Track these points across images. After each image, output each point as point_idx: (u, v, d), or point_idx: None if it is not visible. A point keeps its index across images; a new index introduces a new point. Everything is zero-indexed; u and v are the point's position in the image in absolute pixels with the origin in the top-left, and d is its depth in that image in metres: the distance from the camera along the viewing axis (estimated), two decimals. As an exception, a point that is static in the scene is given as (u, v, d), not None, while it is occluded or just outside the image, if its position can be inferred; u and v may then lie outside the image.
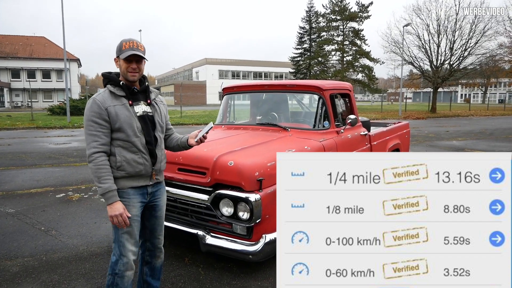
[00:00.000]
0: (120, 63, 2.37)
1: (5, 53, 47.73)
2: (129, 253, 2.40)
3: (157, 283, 2.79)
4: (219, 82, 53.35)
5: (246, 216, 3.04)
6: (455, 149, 10.99)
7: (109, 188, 2.26)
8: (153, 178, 2.49)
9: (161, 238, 2.69)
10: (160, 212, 2.62)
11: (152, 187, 2.51)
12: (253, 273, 3.35)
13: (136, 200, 2.41)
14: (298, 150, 3.61)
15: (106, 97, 2.33)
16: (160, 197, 2.60)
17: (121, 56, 2.33)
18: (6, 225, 4.64)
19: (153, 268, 2.74)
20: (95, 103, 2.29)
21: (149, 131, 2.43)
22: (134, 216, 2.40)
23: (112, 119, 2.30)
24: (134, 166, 2.35)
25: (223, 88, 5.12)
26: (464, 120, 24.94)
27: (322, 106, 4.32)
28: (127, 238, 2.39)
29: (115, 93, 2.36)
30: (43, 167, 8.44)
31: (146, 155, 2.40)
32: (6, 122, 20.71)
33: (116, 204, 2.28)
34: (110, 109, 2.30)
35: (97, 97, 2.33)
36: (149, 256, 2.70)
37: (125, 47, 2.33)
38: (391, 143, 5.84)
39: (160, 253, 2.73)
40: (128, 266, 2.41)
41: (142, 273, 2.76)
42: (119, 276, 2.40)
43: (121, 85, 2.38)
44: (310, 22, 46.02)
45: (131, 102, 2.39)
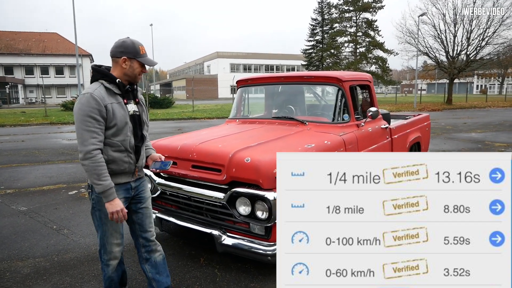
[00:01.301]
0: (134, 65, 2.37)
1: (19, 50, 48.30)
2: (113, 246, 2.49)
3: (167, 280, 2.69)
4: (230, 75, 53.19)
5: (264, 215, 2.87)
6: (474, 142, 10.65)
7: (109, 185, 2.26)
8: (135, 174, 2.51)
9: (152, 230, 2.67)
10: (146, 203, 2.63)
11: (135, 182, 2.53)
12: (272, 275, 3.19)
13: (120, 196, 2.41)
14: (318, 145, 3.42)
15: (104, 94, 2.29)
16: (143, 189, 2.62)
17: (142, 61, 2.37)
18: (18, 224, 4.56)
19: (155, 264, 2.67)
20: (93, 99, 2.23)
21: (136, 131, 2.45)
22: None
23: (109, 117, 2.28)
24: (120, 165, 2.37)
25: (237, 80, 4.94)
26: (481, 112, 24.34)
27: (342, 98, 4.11)
28: (111, 233, 2.46)
29: (112, 90, 2.33)
30: (56, 164, 8.40)
31: (132, 153, 2.43)
32: (21, 118, 20.90)
33: (116, 200, 2.30)
34: (108, 107, 2.28)
35: (94, 93, 2.25)
36: (146, 252, 2.66)
37: (142, 51, 2.37)
38: (412, 136, 5.61)
39: (156, 245, 2.69)
40: (111, 256, 2.50)
41: (146, 272, 2.69)
42: (105, 265, 2.52)
43: (118, 82, 2.35)
44: (323, 14, 45.42)
45: (126, 100, 2.40)
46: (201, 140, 3.46)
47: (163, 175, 3.56)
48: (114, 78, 2.35)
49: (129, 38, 2.39)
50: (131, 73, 2.37)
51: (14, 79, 46.48)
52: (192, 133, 4.19)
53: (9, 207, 5.24)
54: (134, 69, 2.37)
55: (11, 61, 47.69)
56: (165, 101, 31.59)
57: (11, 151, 10.17)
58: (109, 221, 2.41)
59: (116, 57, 2.35)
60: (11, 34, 51.19)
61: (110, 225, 2.43)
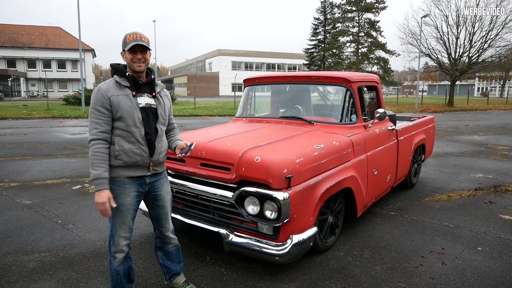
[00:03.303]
0: (126, 56, 2.43)
1: (22, 43, 48.22)
2: (120, 239, 2.52)
3: (177, 267, 2.87)
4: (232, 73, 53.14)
5: (274, 215, 2.86)
6: (477, 144, 10.64)
7: (99, 175, 2.31)
8: (151, 169, 2.53)
9: (167, 226, 2.75)
10: (163, 201, 2.67)
11: (150, 178, 2.56)
12: (279, 275, 3.19)
13: (132, 189, 2.47)
14: (327, 146, 3.41)
15: (111, 86, 2.40)
16: (160, 187, 2.65)
17: (126, 48, 2.40)
18: (23, 218, 4.55)
19: (167, 253, 2.83)
20: (99, 92, 2.37)
21: (150, 123, 2.48)
22: (128, 205, 2.48)
23: (114, 108, 2.36)
24: (131, 156, 2.41)
25: (245, 79, 4.92)
26: (483, 114, 24.31)
27: (350, 99, 4.10)
28: (119, 225, 2.49)
29: (120, 83, 2.43)
30: (59, 158, 8.39)
31: (144, 146, 2.45)
32: (23, 112, 20.87)
33: (103, 192, 2.32)
34: (112, 98, 2.36)
35: (102, 86, 2.41)
36: (160, 242, 2.81)
37: (129, 39, 2.41)
38: (418, 138, 5.61)
39: (170, 239, 2.79)
40: (118, 249, 2.53)
41: (158, 258, 2.87)
42: (112, 256, 2.56)
43: (127, 76, 2.44)
44: (325, 13, 45.32)
45: (135, 93, 2.45)
46: (210, 138, 3.45)
47: (171, 172, 3.55)
48: (124, 72, 2.45)
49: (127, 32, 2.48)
50: (128, 63, 2.45)
51: (17, 72, 46.41)
52: (199, 131, 4.18)
53: (13, 200, 5.22)
54: (128, 60, 2.44)
55: (14, 54, 47.63)
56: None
57: (14, 144, 10.15)
58: (118, 213, 2.46)
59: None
60: (14, 27, 51.12)
61: (119, 217, 2.48)
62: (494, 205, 5.08)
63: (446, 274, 3.21)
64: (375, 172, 4.13)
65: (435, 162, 8.00)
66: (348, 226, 4.23)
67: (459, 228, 4.26)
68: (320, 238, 3.43)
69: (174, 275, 2.87)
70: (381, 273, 3.24)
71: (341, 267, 3.32)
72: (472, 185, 6.09)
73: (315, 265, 3.36)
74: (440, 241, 3.90)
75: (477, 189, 5.83)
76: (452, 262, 3.43)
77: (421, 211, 4.81)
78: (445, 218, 4.55)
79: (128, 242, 2.56)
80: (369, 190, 4.02)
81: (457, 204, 5.13)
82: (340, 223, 3.80)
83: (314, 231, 3.12)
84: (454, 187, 6.01)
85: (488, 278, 3.14)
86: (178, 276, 2.89)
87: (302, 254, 3.10)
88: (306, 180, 3.05)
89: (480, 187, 5.98)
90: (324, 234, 3.51)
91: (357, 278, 3.14)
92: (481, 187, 5.95)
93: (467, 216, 4.63)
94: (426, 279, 3.13)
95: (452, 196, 5.50)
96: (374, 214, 4.68)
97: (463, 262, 3.43)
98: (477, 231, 4.17)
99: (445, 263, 3.41)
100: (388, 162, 4.56)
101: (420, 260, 3.47)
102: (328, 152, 3.36)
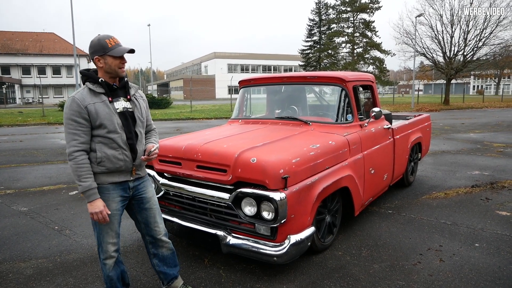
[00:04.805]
0: (108, 61, 2.35)
1: (16, 49, 48.06)
2: (108, 245, 2.50)
3: (173, 270, 2.81)
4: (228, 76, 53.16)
5: (271, 216, 2.86)
6: (473, 142, 10.67)
7: (89, 186, 2.31)
8: (134, 173, 2.52)
9: (158, 229, 2.69)
10: (149, 203, 2.64)
11: (133, 182, 2.54)
12: (277, 275, 3.18)
13: (116, 195, 2.46)
14: (323, 145, 3.41)
15: (85, 95, 2.33)
16: (145, 190, 2.62)
17: (112, 53, 2.33)
18: (19, 224, 4.52)
19: (163, 258, 2.76)
20: (74, 102, 2.29)
21: (129, 127, 2.45)
22: (113, 210, 2.46)
23: (92, 117, 2.30)
24: (114, 162, 2.38)
25: (240, 80, 4.93)
26: (479, 112, 24.40)
27: (345, 99, 4.11)
28: (107, 232, 2.47)
29: (95, 91, 2.36)
30: (55, 164, 8.35)
31: (127, 151, 2.43)
32: (18, 119, 20.80)
33: (97, 201, 2.35)
34: (89, 107, 2.30)
35: (76, 95, 2.32)
36: (153, 248, 2.74)
37: (110, 44, 2.34)
38: (414, 137, 5.62)
39: (163, 242, 2.73)
40: (107, 255, 2.51)
41: (154, 266, 2.80)
42: (103, 263, 2.55)
43: (100, 82, 2.37)
44: (320, 14, 45.40)
45: (111, 98, 2.39)
46: (206, 140, 3.44)
47: (167, 175, 3.54)
48: (97, 78, 2.37)
49: (96, 36, 2.39)
50: (109, 69, 2.37)
51: (11, 79, 46.22)
52: (195, 133, 4.18)
53: (9, 207, 5.20)
54: (109, 64, 2.35)
55: (8, 61, 47.45)
56: (163, 101, 31.51)
57: (10, 151, 10.11)
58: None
59: (92, 59, 2.39)
60: (8, 34, 50.94)
61: (105, 224, 2.45)
62: (491, 201, 5.10)
63: (444, 271, 3.21)
64: (372, 171, 4.14)
65: (432, 160, 8.02)
66: (346, 225, 4.23)
67: (456, 225, 4.27)
68: (318, 237, 3.43)
69: (172, 279, 2.83)
70: (379, 271, 3.24)
71: (339, 266, 3.32)
72: (468, 182, 6.11)
73: (313, 264, 3.36)
74: (438, 238, 3.91)
75: (473, 186, 5.85)
76: (450, 259, 3.43)
77: (418, 209, 4.82)
78: (442, 216, 4.56)
79: (116, 248, 2.54)
80: (366, 189, 4.03)
81: (454, 201, 5.14)
82: (338, 222, 3.80)
83: (311, 231, 3.12)
84: (451, 184, 6.03)
85: (485, 274, 3.15)
86: (176, 279, 2.86)
87: (300, 254, 3.09)
88: (303, 180, 3.05)
89: (477, 184, 6.00)
90: (322, 234, 3.50)
91: (356, 277, 3.14)
92: (478, 184, 5.97)
93: (464, 213, 4.64)
94: (424, 276, 3.14)
95: (449, 193, 5.51)
96: (371, 213, 4.69)
97: (461, 259, 3.43)
98: (474, 227, 4.18)
99: (443, 260, 3.41)
100: (385, 160, 4.57)
101: (418, 258, 3.47)
102: (324, 151, 3.36)
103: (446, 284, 3.00)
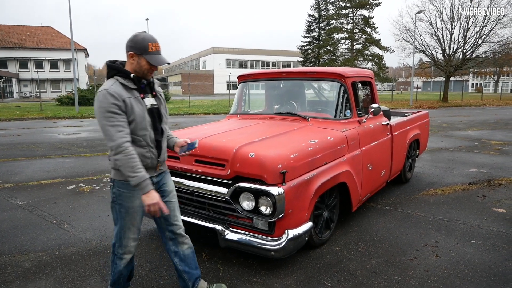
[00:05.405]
0: (141, 62, 2.29)
1: (13, 43, 47.81)
2: (129, 240, 2.48)
3: (197, 272, 2.69)
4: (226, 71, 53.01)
5: (269, 210, 2.88)
6: (471, 139, 10.71)
7: (144, 176, 2.23)
8: (157, 169, 2.49)
9: (178, 223, 2.62)
10: (169, 197, 2.59)
11: (156, 177, 2.50)
12: (275, 270, 3.20)
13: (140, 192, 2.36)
14: (321, 141, 3.42)
15: (119, 89, 2.25)
16: (166, 183, 2.58)
17: (149, 60, 2.28)
18: (17, 218, 4.53)
19: (184, 258, 2.65)
20: (110, 95, 2.20)
21: (156, 124, 2.42)
22: (137, 207, 2.41)
23: (128, 112, 2.25)
24: (142, 160, 2.32)
25: (239, 76, 4.92)
26: (477, 110, 24.45)
27: (344, 95, 4.12)
28: (129, 227, 2.44)
29: (128, 86, 2.29)
30: (53, 158, 8.35)
31: (154, 148, 2.40)
32: (16, 113, 20.73)
33: (153, 192, 2.27)
34: (126, 101, 2.25)
35: (109, 89, 2.22)
36: (173, 245, 2.64)
37: (151, 49, 2.28)
38: (412, 133, 5.64)
39: (183, 238, 2.65)
40: (127, 250, 2.50)
41: (176, 265, 2.67)
42: (118, 258, 2.51)
43: (132, 77, 2.31)
44: (319, 10, 45.27)
45: (143, 95, 2.36)
46: (204, 135, 3.45)
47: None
48: (129, 73, 2.30)
49: (143, 33, 2.31)
50: (139, 69, 2.31)
51: (8, 73, 46.01)
52: (194, 128, 4.18)
53: (7, 201, 5.20)
54: (141, 66, 2.30)
55: (5, 55, 47.20)
56: (161, 96, 31.36)
57: (8, 145, 10.09)
58: (128, 216, 2.41)
59: (126, 51, 2.32)
60: (5, 27, 50.65)
61: (128, 220, 2.42)
62: (488, 198, 5.13)
63: (440, 267, 3.24)
64: (370, 167, 4.15)
65: (430, 157, 8.05)
66: (344, 220, 4.26)
67: (453, 221, 4.29)
68: (315, 232, 3.44)
69: (196, 278, 2.68)
70: (376, 266, 3.26)
71: (336, 261, 3.34)
72: (466, 180, 6.14)
73: (310, 259, 3.38)
74: (434, 234, 3.93)
75: (471, 183, 5.88)
76: (446, 255, 3.46)
77: (415, 206, 4.85)
78: (439, 212, 4.59)
79: (136, 243, 2.53)
80: (364, 185, 4.05)
81: (451, 198, 5.17)
82: (335, 218, 3.82)
83: (309, 226, 3.14)
84: (448, 181, 6.05)
85: (481, 270, 3.18)
86: (200, 280, 2.73)
87: (298, 249, 3.11)
88: (301, 175, 3.06)
89: (474, 181, 6.03)
90: (319, 229, 3.52)
91: (352, 272, 3.16)
92: (475, 181, 6.00)
93: (461, 210, 4.67)
94: (420, 271, 3.16)
95: (446, 190, 5.54)
96: (369, 209, 4.71)
97: (457, 255, 3.46)
98: (470, 224, 4.21)
99: (439, 256, 3.44)
100: (383, 157, 4.58)
101: (414, 253, 3.49)
102: (322, 147, 3.38)
103: (441, 280, 3.03)
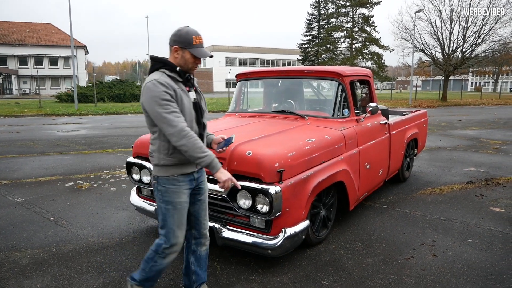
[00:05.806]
0: (186, 56, 2.30)
1: (13, 40, 47.69)
2: (179, 238, 2.43)
3: (204, 274, 2.70)
4: (226, 69, 53.00)
5: (265, 209, 2.88)
6: (470, 139, 10.72)
7: (213, 155, 2.25)
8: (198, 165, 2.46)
9: (206, 223, 2.64)
10: (204, 195, 2.59)
11: (197, 173, 2.49)
12: (272, 268, 3.21)
13: (185, 187, 2.40)
14: (319, 140, 3.43)
15: (168, 80, 2.25)
16: (203, 181, 2.58)
17: (193, 52, 2.28)
18: (15, 215, 4.53)
19: (199, 258, 2.66)
20: (161, 83, 2.20)
21: (199, 118, 2.40)
22: (184, 202, 2.41)
23: (178, 102, 2.25)
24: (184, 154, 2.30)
25: (237, 74, 4.92)
26: (476, 109, 24.47)
27: (342, 93, 4.12)
28: (178, 225, 2.40)
29: (175, 78, 2.29)
30: (51, 155, 8.35)
31: None
32: (15, 109, 20.71)
33: (223, 169, 2.30)
34: (177, 91, 2.25)
35: (159, 79, 2.21)
36: (195, 244, 2.64)
37: (195, 42, 2.29)
38: (410, 132, 5.64)
39: (206, 240, 2.67)
40: (176, 248, 2.44)
41: (189, 263, 2.67)
42: (162, 257, 2.43)
43: (178, 71, 2.31)
44: (319, 8, 45.28)
45: (188, 88, 2.36)
46: (202, 133, 3.45)
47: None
48: (175, 66, 2.30)
49: (186, 27, 2.32)
50: (184, 63, 2.31)
51: (8, 70, 45.93)
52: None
53: (5, 198, 5.20)
54: (186, 59, 2.30)
55: (5, 51, 47.09)
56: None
57: (6, 142, 10.08)
58: (176, 213, 2.37)
59: (170, 46, 2.32)
60: (5, 24, 50.51)
61: (177, 216, 2.38)
62: (485, 198, 5.14)
63: (436, 266, 3.25)
64: (367, 166, 4.16)
65: (428, 156, 8.06)
66: (341, 219, 4.26)
67: (450, 220, 4.30)
68: (312, 231, 3.45)
69: (202, 283, 2.70)
70: (372, 265, 3.27)
71: (333, 260, 3.35)
72: (464, 179, 6.15)
73: (307, 258, 3.39)
74: (432, 233, 3.94)
75: (468, 183, 5.89)
76: (443, 254, 3.47)
77: (413, 205, 4.85)
78: (436, 211, 4.60)
79: (183, 239, 2.50)
80: (361, 183, 4.05)
81: (448, 197, 5.18)
82: (332, 216, 3.82)
83: (306, 224, 3.14)
84: (446, 180, 6.06)
85: (478, 269, 3.19)
86: (204, 286, 2.73)
87: (294, 247, 3.12)
88: (298, 173, 3.07)
89: (472, 180, 6.04)
90: (316, 228, 3.53)
91: (349, 271, 3.17)
92: (473, 181, 6.01)
93: (458, 209, 4.68)
94: (417, 270, 3.17)
95: (444, 189, 5.55)
96: (366, 208, 4.72)
97: (454, 254, 3.47)
98: (468, 223, 4.22)
99: (436, 255, 3.44)
100: (381, 156, 4.59)
101: (411, 252, 3.50)
102: (320, 146, 3.38)
103: (438, 279, 3.04)
